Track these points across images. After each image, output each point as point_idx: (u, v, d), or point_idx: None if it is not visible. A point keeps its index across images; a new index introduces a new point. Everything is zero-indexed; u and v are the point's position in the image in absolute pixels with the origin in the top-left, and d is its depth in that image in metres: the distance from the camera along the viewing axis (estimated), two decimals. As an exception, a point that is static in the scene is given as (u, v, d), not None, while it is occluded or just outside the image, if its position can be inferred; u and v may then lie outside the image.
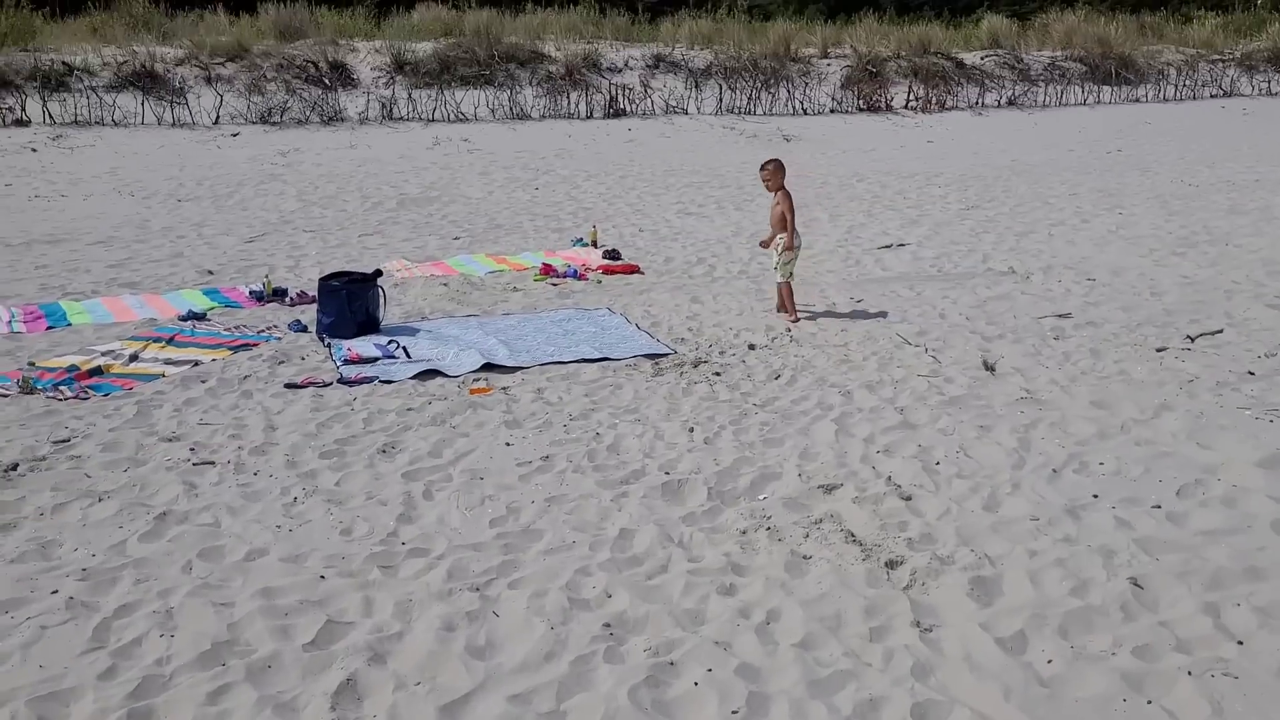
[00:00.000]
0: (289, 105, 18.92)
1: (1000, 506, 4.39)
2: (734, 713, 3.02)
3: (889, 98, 21.81)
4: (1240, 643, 3.34)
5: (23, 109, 17.61)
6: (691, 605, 3.65)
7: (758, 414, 5.57)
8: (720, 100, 21.06)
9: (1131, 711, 3.00)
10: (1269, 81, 25.12)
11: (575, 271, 9.12)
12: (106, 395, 5.95)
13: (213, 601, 3.68)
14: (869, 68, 22.73)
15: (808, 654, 3.32)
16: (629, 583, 3.80)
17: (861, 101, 21.52)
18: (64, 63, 19.85)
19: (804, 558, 3.97)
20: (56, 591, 3.75)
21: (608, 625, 3.51)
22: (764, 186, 7.65)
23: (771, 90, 21.32)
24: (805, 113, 21.21)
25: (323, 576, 3.86)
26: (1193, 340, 6.79)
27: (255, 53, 21.51)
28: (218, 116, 18.38)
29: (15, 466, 4.87)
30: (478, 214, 12.06)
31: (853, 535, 4.14)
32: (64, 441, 5.20)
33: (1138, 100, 23.79)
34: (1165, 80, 24.35)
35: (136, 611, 3.62)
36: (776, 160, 7.61)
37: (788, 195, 7.48)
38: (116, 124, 17.75)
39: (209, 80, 20.33)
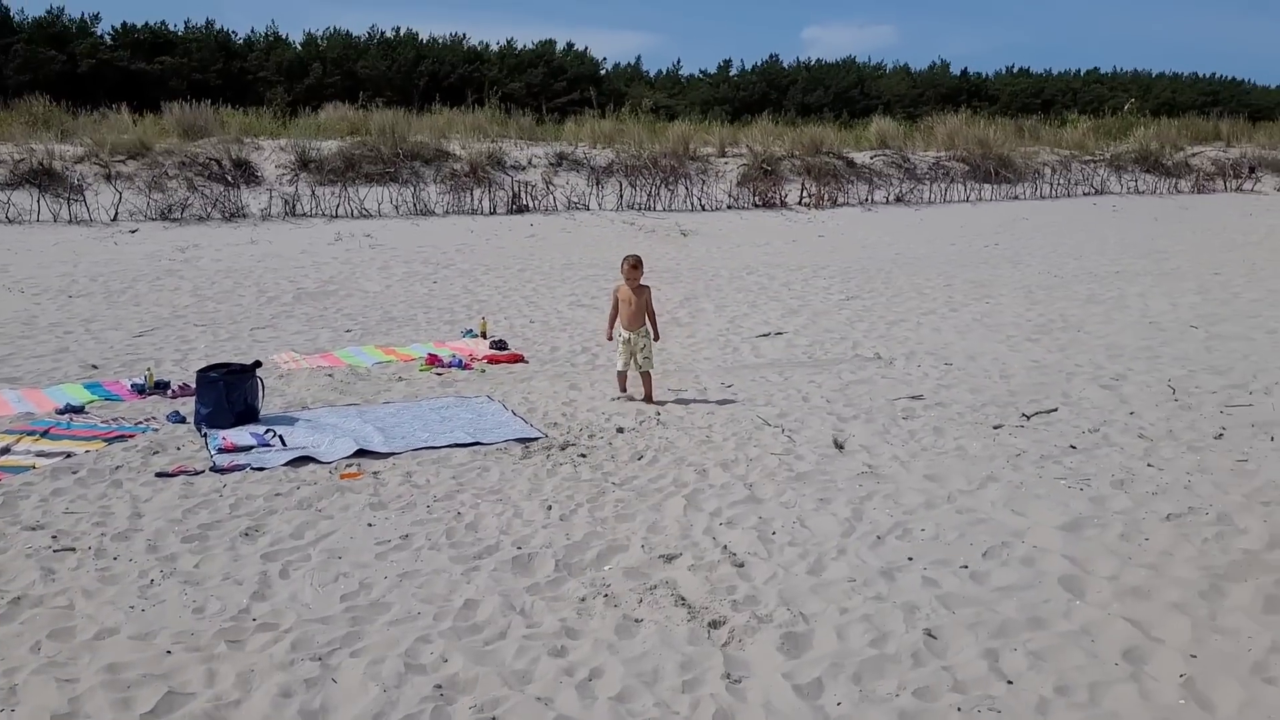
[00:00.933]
0: (190, 202, 19.08)
1: (824, 570, 4.75)
2: (543, 759, 3.27)
3: (783, 194, 22.81)
4: (1010, 682, 3.71)
5: (-88, 206, 17.47)
6: (522, 666, 3.90)
7: (615, 492, 5.89)
8: (621, 196, 21.80)
9: (902, 744, 3.33)
10: (1136, 180, 26.91)
11: (461, 361, 9.42)
12: (-27, 487, 6.01)
13: (56, 678, 3.81)
14: (764, 166, 23.79)
15: (621, 705, 3.59)
16: (466, 648, 4.04)
17: (757, 198, 22.46)
18: (-42, 160, 19.77)
19: (635, 620, 4.26)
20: (-100, 674, 3.84)
21: (439, 686, 3.74)
22: (631, 280, 7.89)
23: (671, 187, 22.15)
24: (703, 208, 22.05)
25: (169, 651, 4.02)
26: (1028, 418, 7.34)
27: (158, 150, 21.68)
28: (116, 213, 18.44)
29: None
30: (373, 307, 12.32)
31: (683, 599, 4.45)
32: (-77, 532, 5.27)
33: (1016, 198, 25.24)
34: (1041, 179, 25.92)
35: (-21, 690, 3.73)
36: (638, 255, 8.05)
37: (649, 289, 7.96)
38: (10, 221, 17.69)
39: (109, 177, 20.40)
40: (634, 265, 7.85)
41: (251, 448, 6.75)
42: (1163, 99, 48.31)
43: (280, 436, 6.95)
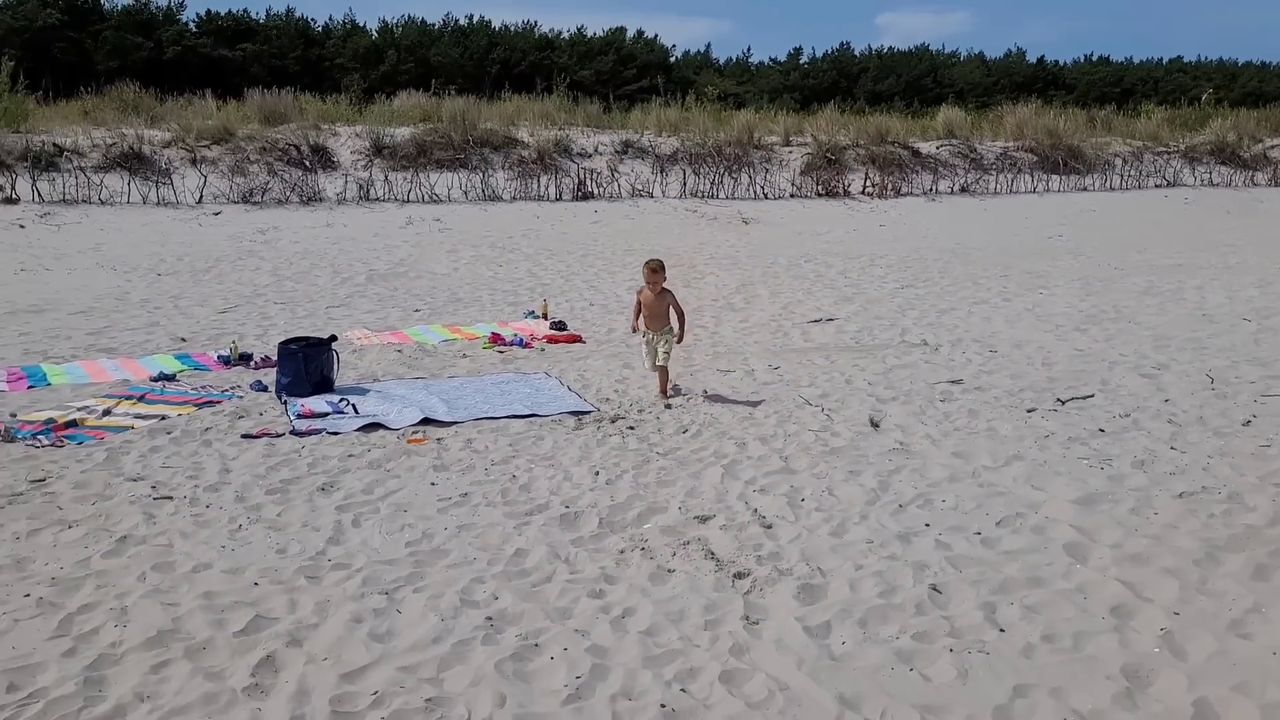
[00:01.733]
0: (270, 186, 19.94)
1: (846, 533, 5.17)
2: (577, 678, 3.76)
3: (846, 184, 23.00)
4: (1002, 630, 4.10)
5: (13, 188, 18.56)
6: (564, 605, 4.39)
7: (658, 460, 6.36)
8: (684, 184, 22.21)
9: (894, 676, 3.75)
10: (1210, 173, 26.51)
11: (522, 340, 9.97)
12: (80, 444, 6.70)
13: (161, 602, 4.40)
14: (828, 155, 24.00)
15: (649, 638, 4.07)
16: (514, 588, 4.54)
17: (820, 187, 22.69)
18: (54, 144, 20.88)
19: (667, 570, 4.73)
20: (28, 595, 4.47)
21: (490, 618, 4.25)
22: (652, 285, 7.78)
23: (734, 175, 22.49)
24: (766, 197, 22.36)
25: (256, 584, 4.59)
26: (1062, 403, 7.63)
27: (240, 136, 22.62)
28: (201, 196, 19.36)
29: (-5, 499, 5.60)
30: (441, 288, 12.94)
31: (713, 554, 4.91)
32: (40, 481, 5.94)
33: (1085, 189, 25.08)
34: (1112, 170, 25.71)
35: (95, 610, 4.34)
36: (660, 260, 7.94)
37: (672, 293, 7.94)
38: (103, 203, 18.69)
39: (194, 162, 21.37)
40: (654, 270, 7.77)
41: (327, 414, 7.35)
42: (1248, 89, 47.14)
43: (353, 405, 7.54)
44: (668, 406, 7.57)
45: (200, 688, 3.69)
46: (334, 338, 8.35)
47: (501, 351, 9.67)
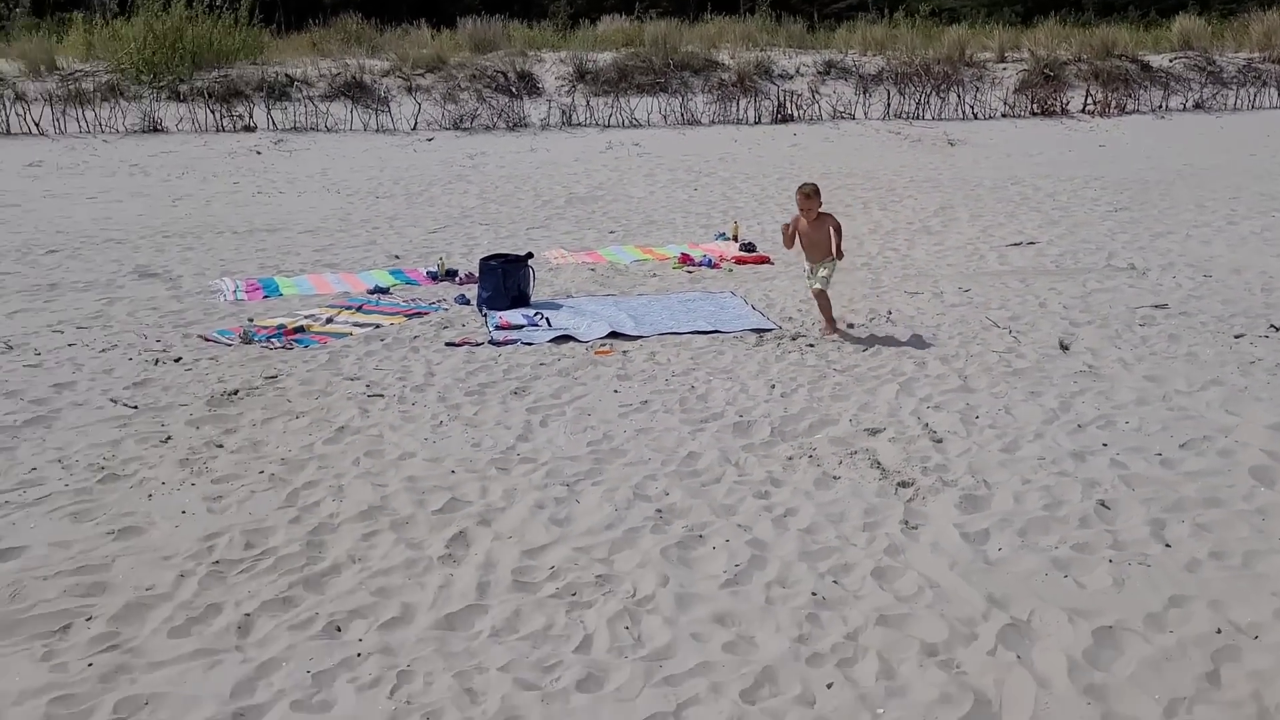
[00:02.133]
0: (479, 112, 20.81)
1: (1018, 450, 5.19)
2: (736, 565, 4.03)
3: (1064, 102, 21.79)
4: (1168, 545, 4.08)
5: (250, 116, 20.18)
6: (730, 503, 4.66)
7: (835, 376, 6.49)
8: (888, 105, 21.63)
9: (1048, 581, 3.83)
10: None
11: (710, 261, 10.19)
12: (306, 347, 7.46)
13: (372, 483, 4.96)
14: (1045, 71, 22.74)
15: (808, 535, 4.29)
16: (685, 486, 4.85)
17: (1034, 106, 21.60)
18: (286, 74, 22.48)
19: (833, 477, 4.92)
20: (262, 472, 5.12)
21: (659, 511, 4.58)
22: (807, 212, 7.33)
23: (942, 95, 21.72)
24: (975, 117, 21.49)
25: (453, 471, 5.09)
26: (1277, 329, 7.21)
27: (452, 64, 23.63)
28: (415, 123, 20.44)
29: (236, 392, 6.37)
30: (636, 211, 13.30)
31: (879, 464, 5.05)
32: (273, 377, 6.68)
33: (1343, 103, 22.76)
34: (1376, 82, 23.19)
35: (317, 486, 4.94)
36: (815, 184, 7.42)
37: (832, 215, 7.45)
38: (328, 130, 20.05)
39: (409, 90, 22.52)
40: (807, 195, 7.29)
41: (523, 326, 7.85)
42: None
43: (547, 318, 8.01)
44: (833, 340, 7.40)
45: (403, 554, 4.19)
46: (530, 255, 8.83)
47: (690, 272, 9.93)
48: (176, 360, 7.04)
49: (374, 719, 3.08)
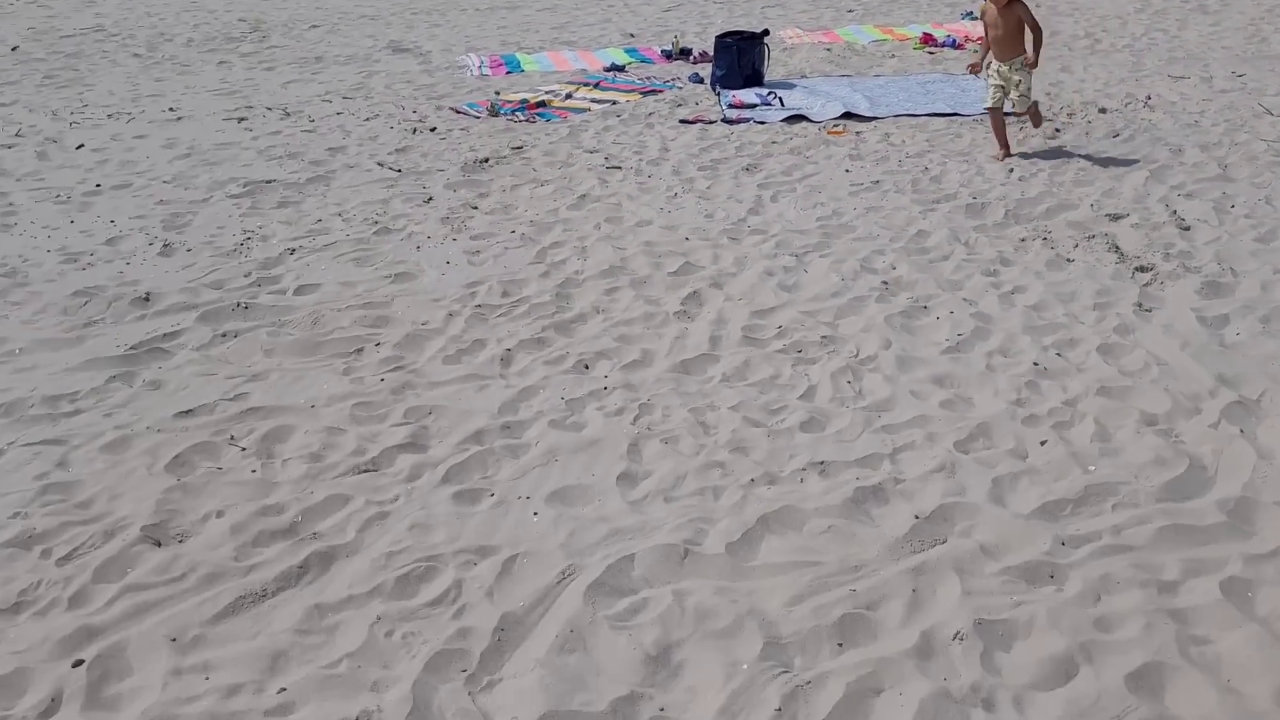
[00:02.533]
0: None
1: (1273, 240, 4.96)
2: (959, 335, 4.18)
3: None
4: None
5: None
6: (956, 278, 4.75)
7: (1079, 161, 6.28)
8: None
9: (1284, 367, 3.79)
10: None
11: (954, 41, 9.77)
12: (548, 121, 7.82)
13: (612, 245, 5.33)
14: None
15: (1034, 312, 4.35)
16: (912, 262, 4.96)
17: None
18: None
19: (1066, 259, 4.89)
20: (514, 231, 5.58)
21: (885, 282, 4.73)
22: None
23: None
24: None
25: (686, 238, 5.38)
26: None
27: None
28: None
29: (486, 160, 6.84)
30: (877, -11, 12.73)
31: (1118, 248, 4.97)
32: (519, 148, 7.11)
33: None
34: None
35: (563, 246, 5.35)
36: None
37: (1025, 3, 6.22)
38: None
39: None
40: None
41: (756, 105, 7.90)
42: None
43: (780, 98, 8.01)
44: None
45: (641, 308, 4.56)
46: (766, 32, 8.75)
47: (931, 53, 9.57)
48: (432, 130, 7.57)
49: (619, 439, 3.51)
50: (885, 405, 3.70)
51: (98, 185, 6.39)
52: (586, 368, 4.06)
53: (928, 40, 9.85)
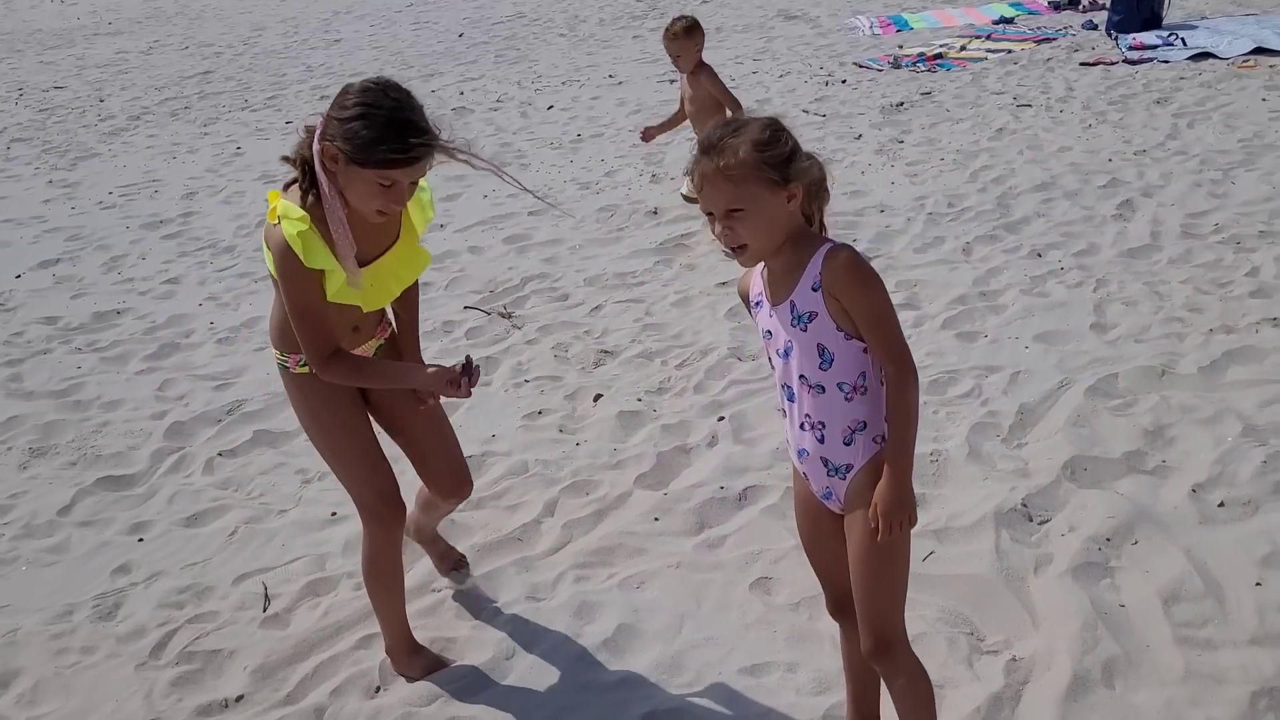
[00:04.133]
0: None
1: None
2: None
3: None
4: None
5: None
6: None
7: None
8: None
9: None
10: None
11: (1372, -25, 9.58)
12: (948, 70, 8.64)
13: (1039, 166, 6.10)
14: None
15: None
16: (1344, 172, 5.39)
17: None
18: None
19: None
20: (943, 159, 6.47)
21: (1318, 189, 5.22)
22: (672, 58, 5.54)
23: None
24: None
25: (1110, 160, 6.06)
26: None
27: None
28: None
29: (901, 104, 7.77)
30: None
31: None
32: (927, 93, 7.99)
33: None
34: None
35: (992, 169, 6.17)
36: (689, 20, 5.41)
37: (711, 71, 5.44)
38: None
39: None
40: (674, 36, 5.38)
41: (1157, 46, 8.32)
42: None
43: (1182, 38, 8.38)
44: None
45: (1079, 213, 5.34)
46: (1168, -24, 9.09)
47: (1346, -13, 9.46)
48: (843, 82, 8.60)
49: (1084, 301, 4.34)
50: (1328, 280, 4.30)
51: (578, 135, 7.93)
52: (1040, 255, 4.91)
53: (1341, -24, 9.72)
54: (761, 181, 1.89)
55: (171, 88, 11.04)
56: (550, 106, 8.84)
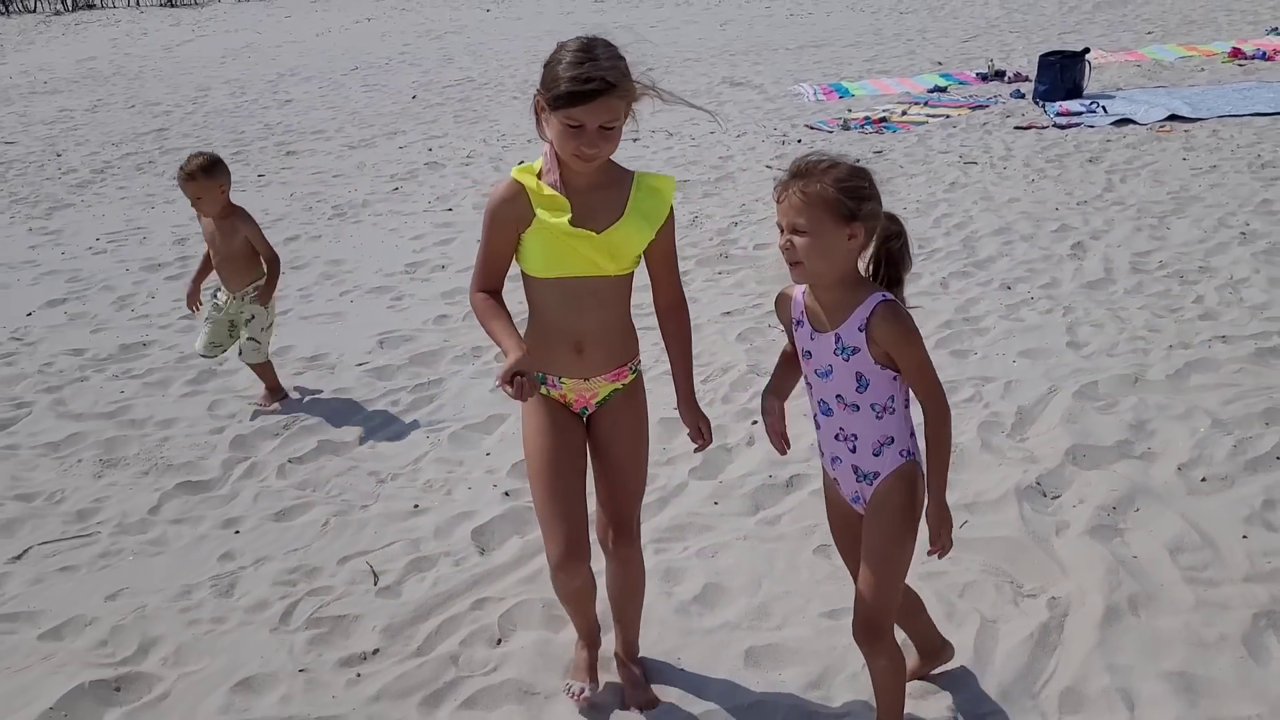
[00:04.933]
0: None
1: None
2: (1317, 262, 5.40)
3: None
4: None
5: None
6: (1306, 229, 5.93)
7: None
8: None
9: None
10: None
11: (1264, 54, 10.71)
12: (894, 132, 9.40)
13: (994, 214, 6.77)
14: None
15: (1382, 247, 5.50)
16: (1263, 219, 6.16)
17: None
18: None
19: (1405, 213, 5.98)
20: (905, 207, 7.12)
21: (1243, 233, 5.97)
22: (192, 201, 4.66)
23: None
24: None
25: (1056, 209, 6.77)
26: None
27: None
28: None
29: (858, 160, 8.44)
30: (1172, 11, 13.72)
31: None
32: (879, 152, 8.69)
33: None
34: None
35: (950, 217, 6.83)
36: (207, 157, 4.54)
37: (247, 216, 4.68)
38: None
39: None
40: (189, 176, 4.52)
41: (1081, 113, 9.20)
42: None
43: (1103, 106, 9.28)
44: None
45: (1039, 253, 5.99)
46: (1087, 50, 10.05)
47: (1242, 64, 10.56)
48: (798, 141, 9.28)
49: (1056, 325, 4.94)
50: (1266, 306, 4.97)
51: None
52: (1009, 288, 5.53)
53: (1236, 54, 10.83)
54: (829, 212, 2.16)
55: (129, 143, 11.24)
56: (521, 162, 9.32)
